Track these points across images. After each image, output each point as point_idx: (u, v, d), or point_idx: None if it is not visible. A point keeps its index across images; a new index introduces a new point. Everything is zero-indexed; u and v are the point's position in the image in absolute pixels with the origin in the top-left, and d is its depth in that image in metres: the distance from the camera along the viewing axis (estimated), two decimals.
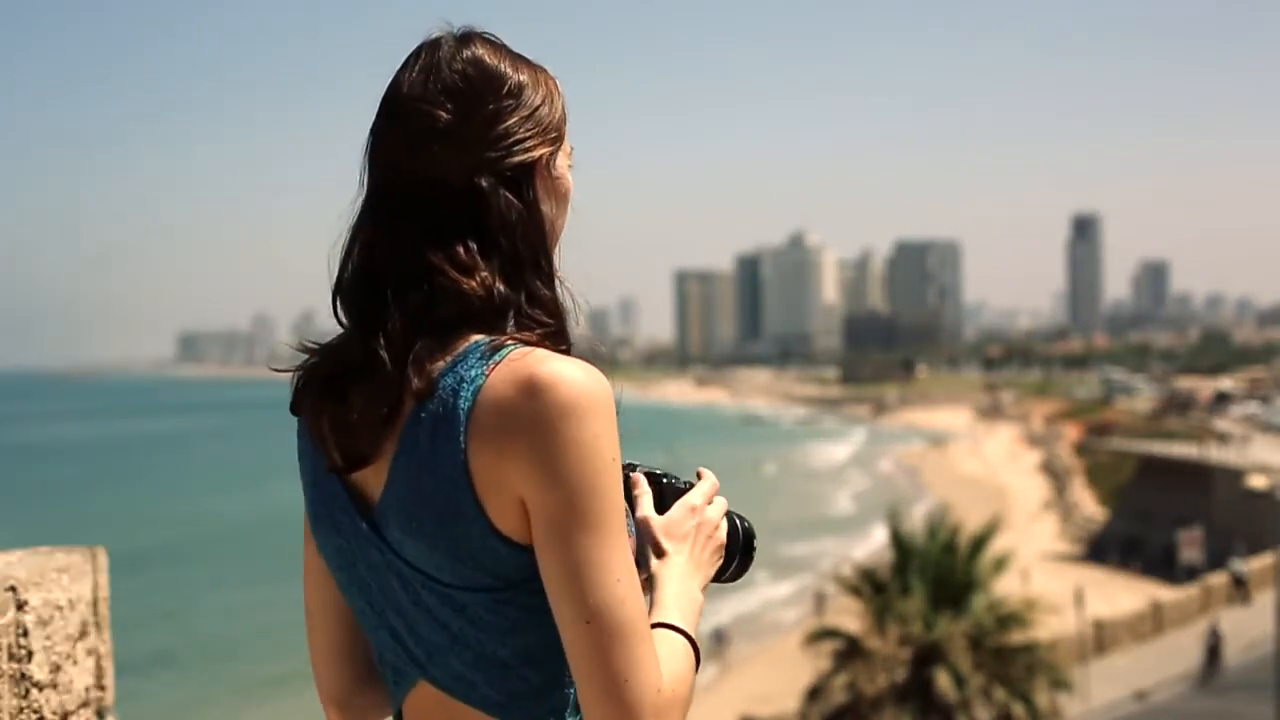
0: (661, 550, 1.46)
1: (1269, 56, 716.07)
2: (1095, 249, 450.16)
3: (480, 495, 1.26)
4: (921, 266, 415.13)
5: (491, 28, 1.44)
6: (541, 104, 1.39)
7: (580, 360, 1.29)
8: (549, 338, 1.32)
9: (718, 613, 36.94)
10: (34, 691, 2.15)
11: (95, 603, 2.39)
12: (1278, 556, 29.48)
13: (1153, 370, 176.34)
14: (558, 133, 1.41)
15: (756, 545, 1.59)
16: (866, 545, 48.13)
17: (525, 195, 1.36)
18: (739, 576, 1.58)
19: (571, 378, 1.25)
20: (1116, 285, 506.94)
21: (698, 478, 1.56)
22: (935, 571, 21.32)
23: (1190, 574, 39.41)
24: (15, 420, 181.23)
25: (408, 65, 1.39)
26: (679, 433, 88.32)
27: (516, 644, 1.30)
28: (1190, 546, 41.69)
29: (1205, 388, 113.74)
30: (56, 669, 2.22)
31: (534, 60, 1.43)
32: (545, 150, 1.39)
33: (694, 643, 1.37)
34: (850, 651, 20.86)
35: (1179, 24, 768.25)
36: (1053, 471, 75.19)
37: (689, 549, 1.47)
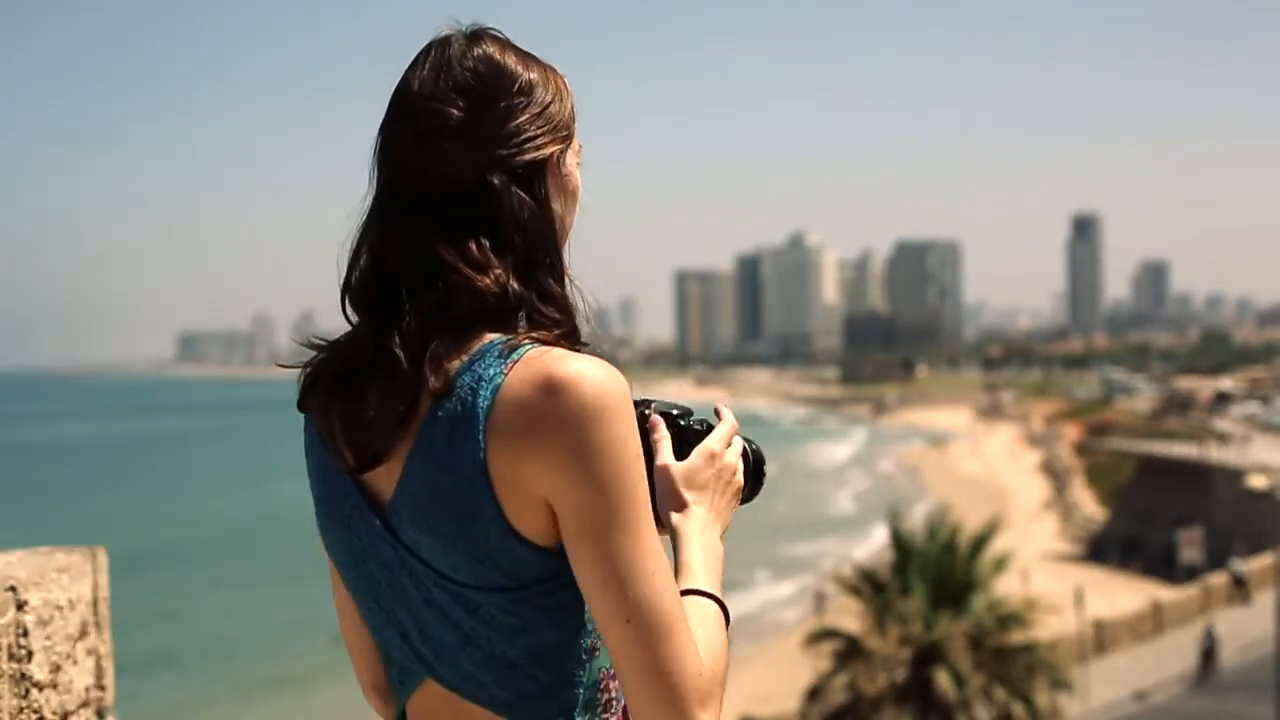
0: (682, 502, 1.45)
1: (1269, 56, 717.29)
2: (1095, 249, 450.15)
3: (498, 495, 1.26)
4: (921, 266, 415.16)
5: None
6: (552, 102, 1.39)
7: (597, 358, 1.29)
8: (564, 336, 1.33)
9: None
10: (34, 691, 2.15)
11: (95, 603, 2.38)
12: (1278, 556, 29.48)
13: (1153, 370, 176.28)
14: (568, 130, 1.42)
15: (767, 470, 1.58)
16: (867, 545, 48.09)
17: (537, 193, 1.36)
18: (749, 500, 1.57)
19: (592, 376, 1.25)
20: (1116, 285, 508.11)
21: (716, 416, 1.54)
22: (935, 571, 21.33)
23: (1190, 574, 39.43)
24: (15, 420, 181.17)
25: (418, 63, 1.39)
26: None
27: (526, 644, 1.30)
28: (1190, 546, 41.68)
29: (1205, 388, 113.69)
30: (56, 669, 2.22)
31: (542, 58, 1.44)
32: (556, 148, 1.39)
33: (723, 604, 1.38)
34: (850, 651, 20.87)
35: (1179, 24, 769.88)
36: (1053, 471, 75.18)
37: (709, 499, 1.47)
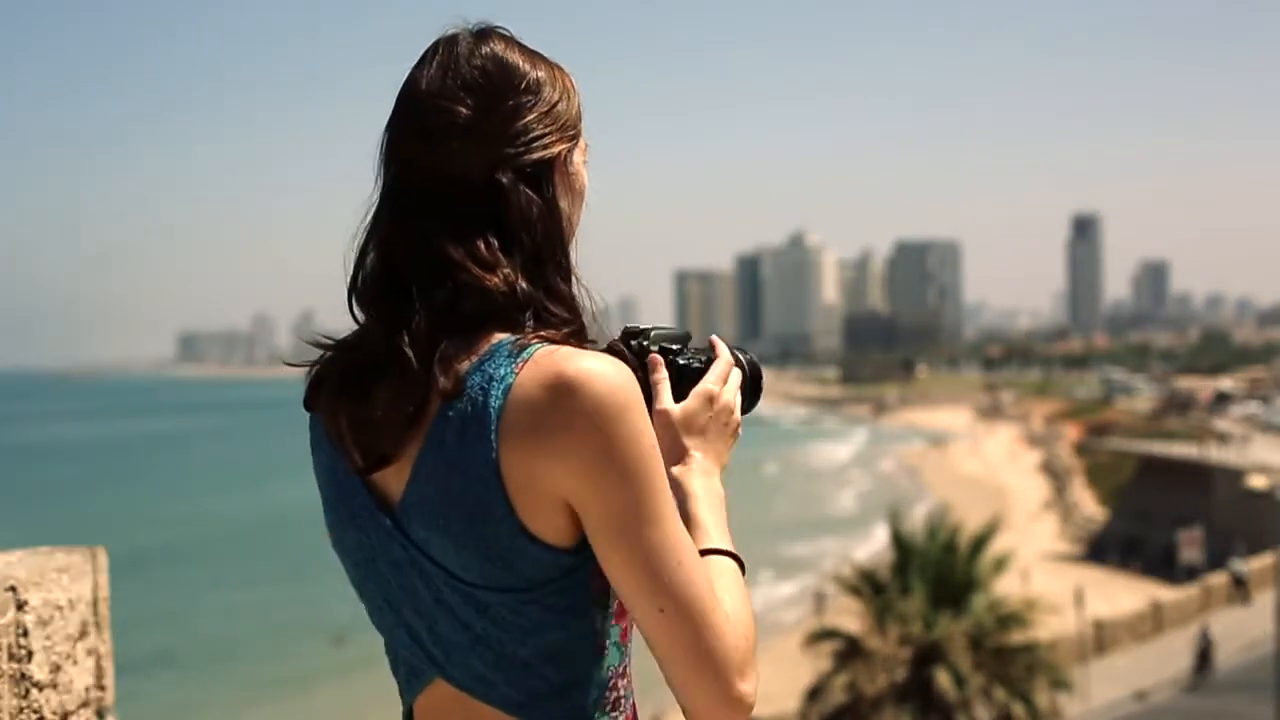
0: (683, 450, 1.45)
1: (1269, 56, 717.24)
2: (1095, 249, 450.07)
3: (510, 495, 1.25)
4: (921, 266, 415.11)
5: None
6: (559, 100, 1.39)
7: (604, 354, 1.29)
8: (572, 335, 1.32)
9: None
10: (34, 691, 2.15)
11: (95, 603, 2.38)
12: (1278, 556, 29.47)
13: (1153, 370, 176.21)
14: (575, 129, 1.41)
15: (764, 385, 1.57)
16: (868, 545, 48.06)
17: (545, 192, 1.36)
18: (747, 412, 1.56)
19: (603, 373, 1.25)
20: (1116, 285, 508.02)
21: (711, 348, 1.52)
22: (935, 571, 21.33)
23: (1190, 574, 39.42)
24: (15, 420, 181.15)
25: (425, 61, 1.38)
26: None
27: (537, 644, 1.30)
28: (1190, 546, 41.67)
29: (1205, 388, 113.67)
30: (56, 669, 2.22)
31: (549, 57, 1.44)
32: (563, 146, 1.39)
33: (738, 557, 1.39)
34: (850, 651, 20.86)
35: (1179, 24, 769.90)
36: (1053, 471, 75.16)
37: (708, 442, 1.47)
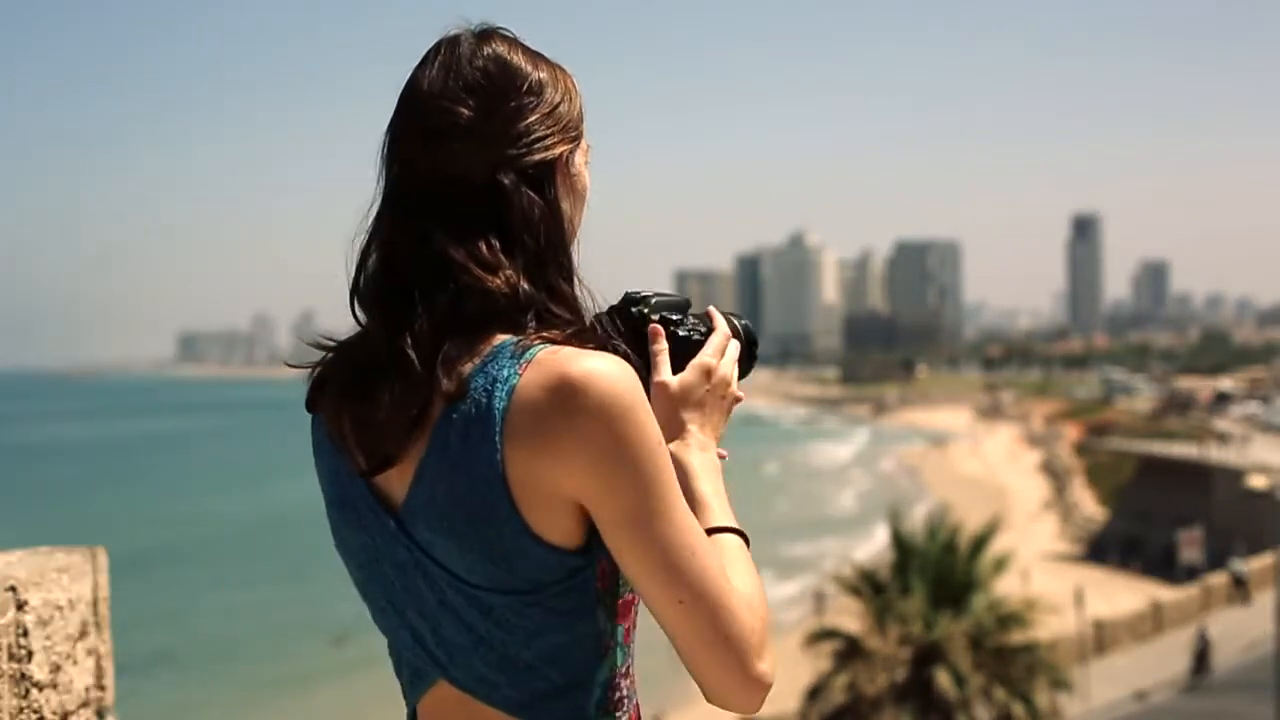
0: (680, 424, 1.47)
1: (1269, 56, 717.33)
2: (1095, 249, 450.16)
3: (516, 497, 1.25)
4: (921, 266, 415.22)
5: None
6: (561, 101, 1.39)
7: (605, 353, 1.29)
8: (574, 335, 1.32)
9: None
10: (34, 691, 2.15)
11: (95, 603, 2.38)
12: (1278, 556, 29.47)
13: (1153, 370, 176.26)
14: (577, 131, 1.41)
15: (758, 352, 1.58)
16: (868, 545, 48.04)
17: (547, 193, 1.36)
18: (742, 378, 1.57)
19: (606, 372, 1.25)
20: (1116, 285, 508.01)
21: (708, 318, 1.54)
22: (935, 571, 21.34)
23: (1190, 574, 39.43)
24: (15, 420, 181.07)
25: (427, 62, 1.38)
26: None
27: (541, 646, 1.30)
28: (1190, 546, 41.68)
29: (1205, 388, 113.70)
30: (56, 669, 2.22)
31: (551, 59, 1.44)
32: (565, 148, 1.39)
33: (743, 533, 1.41)
34: (850, 651, 20.86)
35: (1179, 24, 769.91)
36: (1053, 471, 75.18)
37: (705, 415, 1.49)
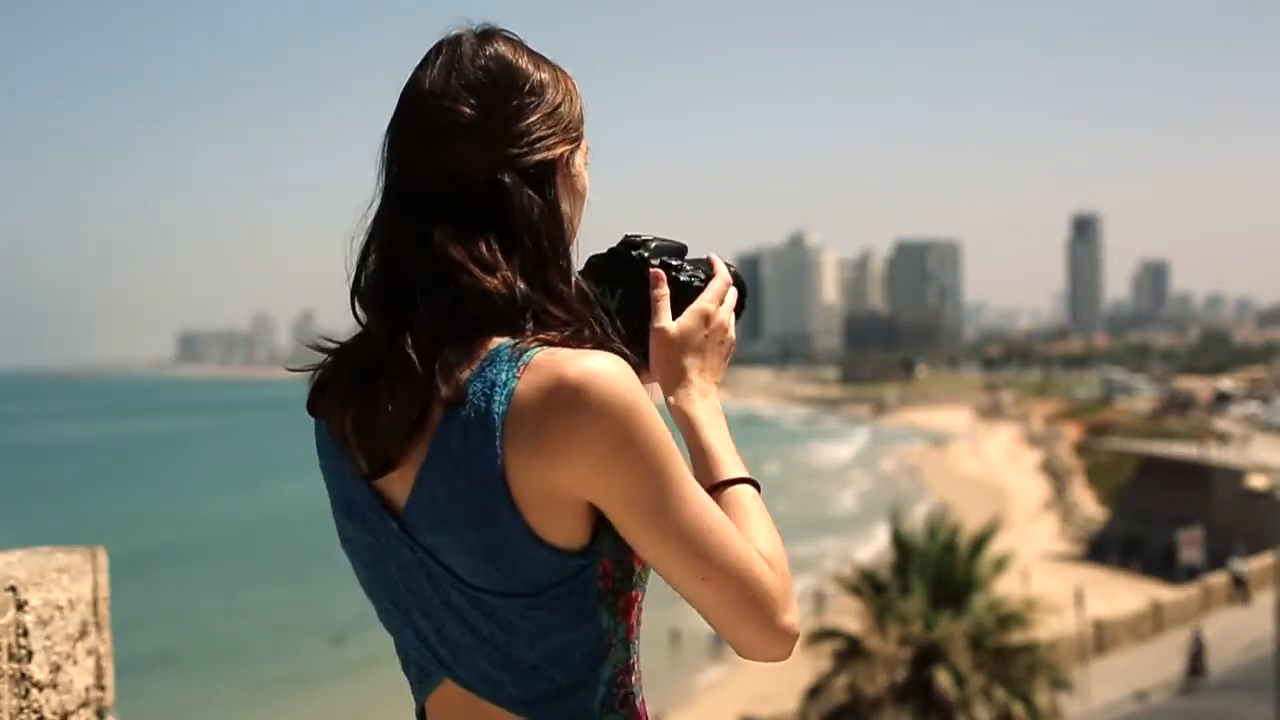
0: (680, 371, 1.49)
1: (1269, 56, 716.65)
2: (1095, 249, 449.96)
3: (517, 499, 1.26)
4: (921, 266, 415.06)
5: None
6: (562, 102, 1.40)
7: (600, 351, 1.29)
8: (571, 337, 1.32)
9: None
10: (34, 691, 2.15)
11: (95, 603, 2.38)
12: (1278, 556, 29.46)
13: (1153, 370, 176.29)
14: (577, 131, 1.42)
15: (746, 303, 1.59)
16: (868, 545, 48.07)
17: (547, 193, 1.36)
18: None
19: (605, 372, 1.26)
20: (1116, 285, 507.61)
21: (709, 264, 1.54)
22: (935, 571, 21.35)
23: (1190, 574, 39.43)
24: (15, 420, 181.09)
25: (428, 61, 1.39)
26: (678, 432, 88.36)
27: (545, 646, 1.31)
28: (1190, 546, 41.68)
29: (1205, 388, 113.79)
30: (56, 669, 2.22)
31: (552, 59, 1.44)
32: (566, 148, 1.39)
33: (754, 481, 1.43)
34: (850, 651, 20.87)
35: (1179, 24, 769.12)
36: (1053, 471, 75.21)
37: (704, 360, 1.51)
